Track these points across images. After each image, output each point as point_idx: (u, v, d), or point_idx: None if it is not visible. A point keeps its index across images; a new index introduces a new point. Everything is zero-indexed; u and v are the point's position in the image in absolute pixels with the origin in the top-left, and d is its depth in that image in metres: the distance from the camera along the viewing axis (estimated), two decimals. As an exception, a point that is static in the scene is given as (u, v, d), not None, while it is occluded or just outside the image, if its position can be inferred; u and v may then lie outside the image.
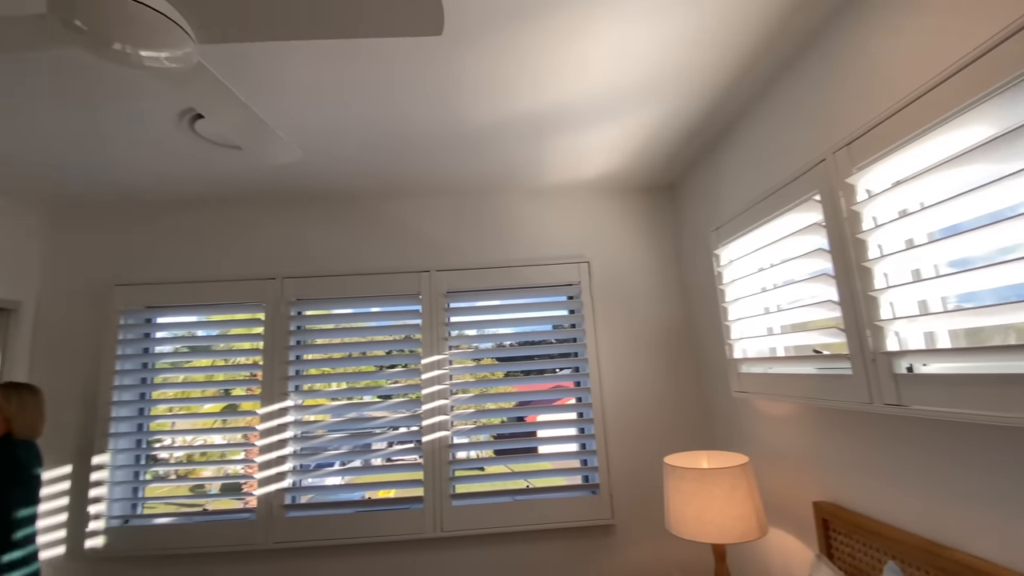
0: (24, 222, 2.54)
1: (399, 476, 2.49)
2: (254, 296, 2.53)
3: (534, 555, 2.35)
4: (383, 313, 2.59)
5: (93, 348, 2.49)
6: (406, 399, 2.48)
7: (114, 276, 2.56)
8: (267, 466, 2.36)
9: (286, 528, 2.31)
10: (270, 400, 2.41)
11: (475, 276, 2.57)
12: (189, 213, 2.64)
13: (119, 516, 2.36)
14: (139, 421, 2.48)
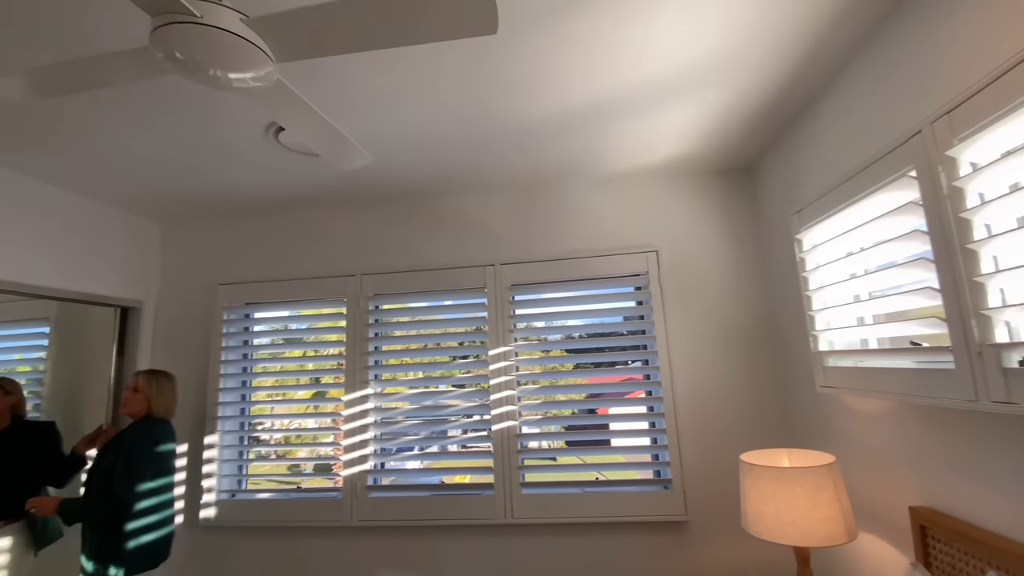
0: (144, 232, 2.91)
1: (471, 463, 2.59)
2: (336, 292, 2.73)
3: (604, 547, 2.35)
4: (452, 306, 2.68)
5: (203, 340, 2.80)
6: (476, 389, 2.56)
7: (217, 276, 2.86)
8: (351, 449, 2.54)
9: (369, 507, 2.48)
10: (353, 388, 2.59)
11: (539, 268, 2.58)
12: (278, 217, 2.88)
13: (227, 490, 2.66)
14: (242, 406, 2.76)
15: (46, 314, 2.90)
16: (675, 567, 2.30)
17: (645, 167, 2.51)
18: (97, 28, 1.37)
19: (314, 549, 2.53)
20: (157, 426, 2.21)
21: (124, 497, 2.03)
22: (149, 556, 2.09)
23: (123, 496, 2.02)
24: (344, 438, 2.56)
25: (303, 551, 2.54)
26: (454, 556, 2.43)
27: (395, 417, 2.59)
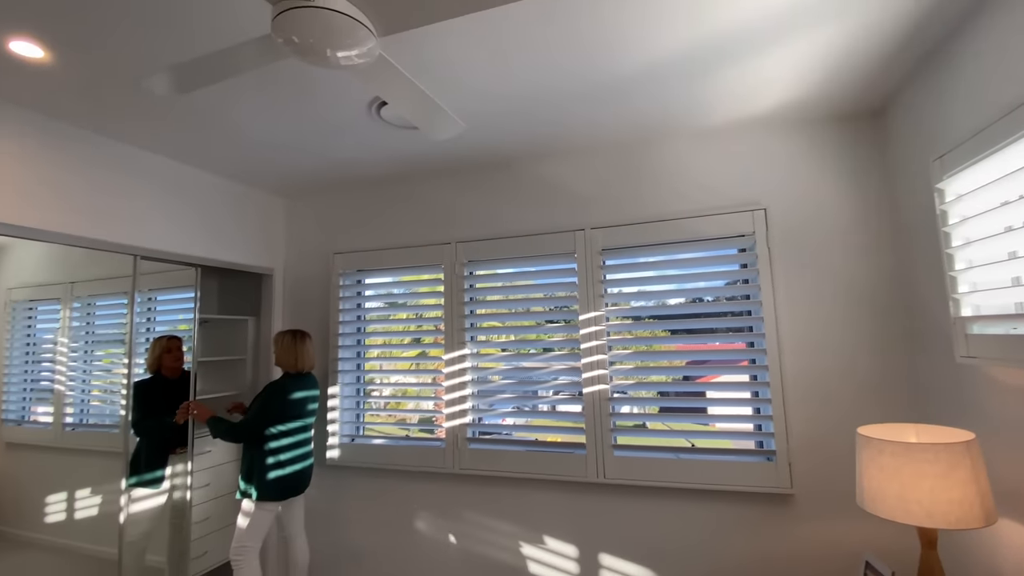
0: (272, 208, 3.29)
1: (562, 423, 2.66)
2: (434, 259, 2.89)
3: (698, 514, 2.32)
4: (542, 271, 2.72)
5: (323, 303, 3.14)
6: (566, 352, 2.60)
7: (332, 246, 3.16)
8: (452, 404, 2.73)
9: (469, 457, 2.67)
10: (452, 348, 2.77)
11: (632, 232, 2.51)
12: (382, 189, 3.09)
13: (348, 435, 3.00)
14: (357, 362, 3.07)
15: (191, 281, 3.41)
16: (777, 542, 2.21)
17: (752, 117, 2.30)
18: (221, 22, 1.55)
19: (420, 491, 2.80)
20: (287, 378, 2.58)
21: (247, 427, 2.48)
22: (282, 486, 2.47)
23: (246, 426, 2.48)
24: (445, 393, 2.75)
25: (410, 492, 2.82)
26: (547, 509, 2.55)
27: (490, 377, 2.73)
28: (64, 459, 3.25)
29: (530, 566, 2.56)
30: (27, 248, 3.56)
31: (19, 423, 3.43)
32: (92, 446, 2.97)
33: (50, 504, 3.35)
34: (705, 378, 2.53)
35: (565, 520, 2.52)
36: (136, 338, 2.82)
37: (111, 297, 3.28)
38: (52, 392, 3.36)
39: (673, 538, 2.34)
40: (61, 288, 3.41)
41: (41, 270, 3.48)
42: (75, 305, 3.38)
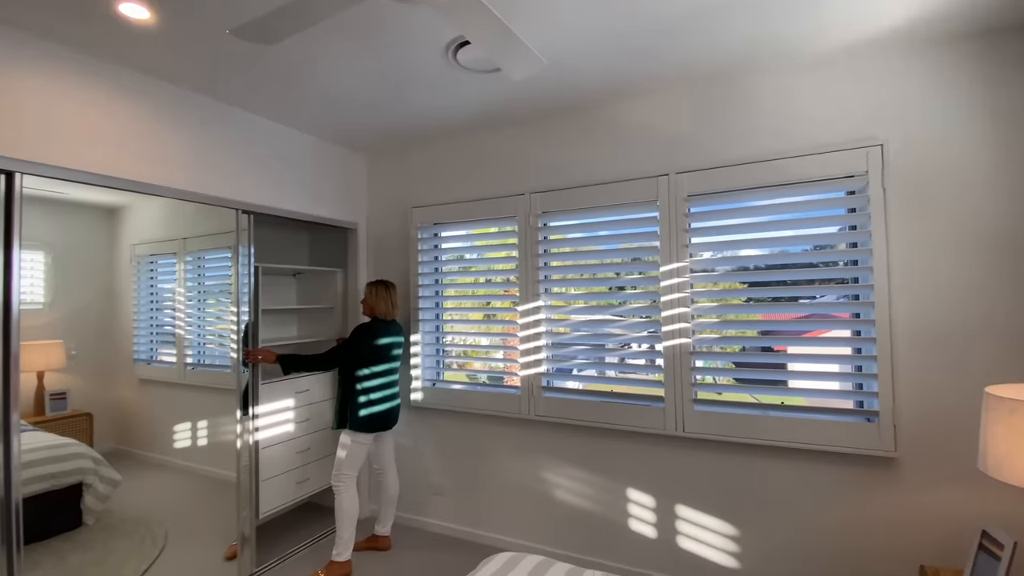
0: (355, 163, 3.40)
1: (640, 376, 2.62)
2: (508, 210, 2.87)
3: (784, 473, 2.22)
4: (622, 221, 2.62)
5: (404, 256, 3.25)
6: (646, 305, 2.52)
7: (410, 200, 3.23)
8: (527, 353, 2.77)
9: (543, 405, 2.72)
10: (526, 299, 2.78)
11: (722, 175, 2.33)
12: (458, 142, 3.08)
13: (429, 380, 3.16)
14: (436, 311, 3.18)
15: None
16: (875, 507, 2.08)
17: (869, 39, 2.01)
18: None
19: (496, 434, 2.91)
20: (374, 324, 2.74)
21: (328, 359, 2.70)
22: (372, 421, 2.67)
23: (328, 358, 2.70)
24: (520, 343, 2.79)
25: (487, 434, 2.94)
26: (621, 458, 2.56)
27: (565, 328, 2.72)
28: (187, 394, 3.70)
29: (601, 510, 2.61)
30: (145, 207, 3.97)
31: (148, 362, 3.95)
32: (209, 383, 3.34)
33: (177, 432, 3.86)
34: (802, 333, 2.36)
35: (640, 470, 2.52)
36: (240, 288, 3.07)
37: (217, 251, 3.60)
38: (174, 336, 3.81)
39: (756, 495, 2.27)
40: (176, 244, 3.79)
41: (158, 227, 3.87)
42: (187, 259, 3.75)
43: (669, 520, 2.45)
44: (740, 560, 2.30)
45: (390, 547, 2.87)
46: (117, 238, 4.14)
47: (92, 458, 3.05)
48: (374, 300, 2.78)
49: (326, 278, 3.50)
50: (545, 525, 2.76)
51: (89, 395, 3.83)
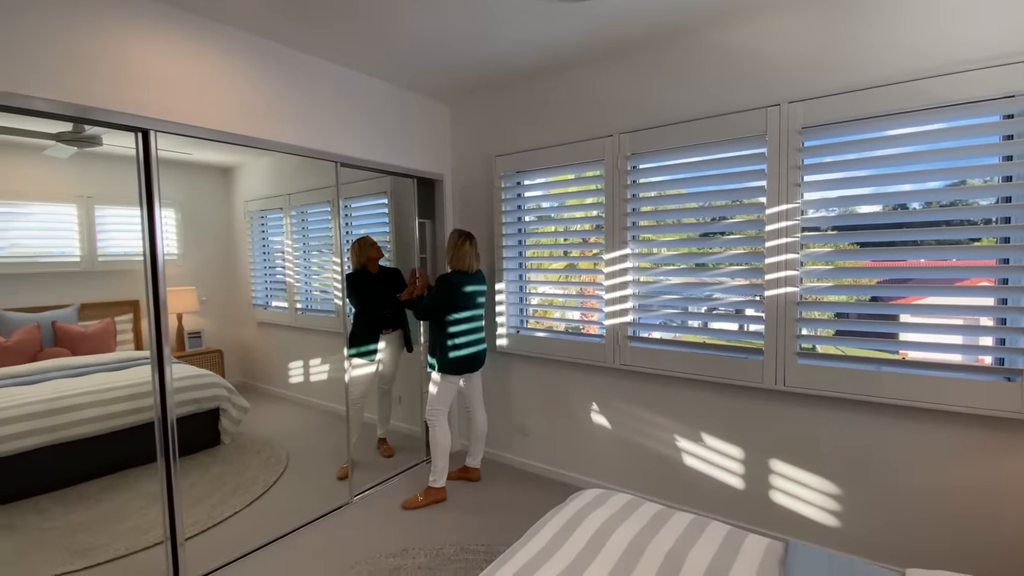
0: (439, 114, 3.41)
1: (736, 327, 2.48)
2: (595, 154, 2.76)
3: (899, 432, 2.04)
4: (723, 160, 2.41)
5: (488, 205, 3.27)
6: (746, 251, 2.35)
7: (494, 148, 3.21)
8: (613, 303, 2.72)
9: (629, 354, 2.69)
10: (613, 247, 2.70)
11: (843, 103, 2.05)
12: (540, 84, 2.98)
13: (514, 327, 3.23)
14: (519, 260, 3.20)
15: (384, 188, 3.80)
16: (1009, 474, 1.85)
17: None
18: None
19: (580, 381, 2.94)
20: (456, 275, 2.85)
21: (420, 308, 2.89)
22: (458, 363, 2.83)
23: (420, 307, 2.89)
24: (606, 292, 2.74)
25: (571, 381, 2.98)
26: (713, 410, 2.48)
27: (655, 276, 2.63)
28: (299, 336, 4.10)
29: (687, 460, 2.58)
30: (254, 166, 4.31)
31: (264, 307, 4.40)
32: (318, 326, 3.67)
33: (292, 369, 4.31)
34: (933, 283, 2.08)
35: (731, 422, 2.44)
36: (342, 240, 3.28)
37: (318, 205, 3.86)
38: (284, 284, 4.20)
39: (862, 454, 2.12)
40: (282, 199, 4.11)
41: (266, 184, 4.21)
42: (292, 213, 4.06)
43: (761, 474, 2.37)
44: (842, 519, 2.18)
45: (480, 478, 3.08)
46: (232, 195, 4.55)
47: (225, 387, 3.51)
48: (455, 254, 2.87)
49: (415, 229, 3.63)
50: (628, 470, 2.79)
51: (218, 335, 4.37)
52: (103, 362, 3.51)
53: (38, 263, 3.78)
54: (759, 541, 1.50)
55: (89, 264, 3.94)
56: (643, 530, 1.51)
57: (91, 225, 3.98)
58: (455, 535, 2.47)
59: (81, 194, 3.92)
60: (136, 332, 4.12)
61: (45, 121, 2.99)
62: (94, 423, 3.03)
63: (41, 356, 3.54)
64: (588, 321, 3.03)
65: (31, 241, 3.77)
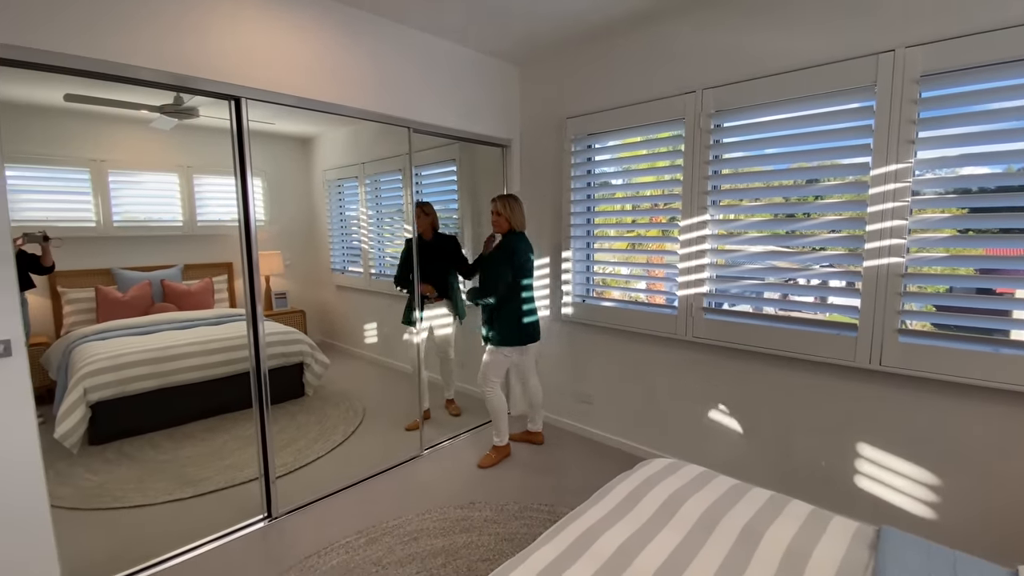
0: (509, 77, 3.34)
1: (826, 299, 2.29)
2: (674, 113, 2.60)
3: (1019, 422, 1.81)
4: (821, 116, 2.18)
5: (556, 170, 3.20)
6: (841, 217, 2.14)
7: (564, 110, 3.11)
8: (687, 272, 2.60)
9: (704, 327, 2.57)
10: (691, 213, 2.56)
11: (974, 46, 1.77)
12: (614, 39, 2.82)
13: (579, 295, 3.18)
14: (587, 228, 3.12)
15: (453, 156, 3.82)
16: None
17: None
18: None
19: (648, 352, 2.86)
20: (514, 238, 2.83)
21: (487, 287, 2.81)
22: (521, 336, 2.84)
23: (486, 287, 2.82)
24: (680, 261, 2.62)
25: (638, 351, 2.91)
26: (793, 387, 2.33)
27: (736, 245, 2.47)
28: (373, 299, 4.30)
29: (760, 437, 2.46)
30: (332, 135, 4.47)
31: (342, 272, 4.64)
32: (390, 291, 3.83)
33: (366, 330, 4.54)
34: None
35: (812, 401, 2.28)
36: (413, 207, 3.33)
37: (390, 174, 3.96)
38: (360, 250, 4.39)
39: (970, 443, 1.91)
40: (357, 168, 4.26)
41: (342, 154, 4.37)
42: (367, 181, 4.20)
43: (846, 457, 2.21)
44: (938, 511, 2.00)
45: (543, 442, 3.14)
46: (311, 165, 4.77)
47: (308, 344, 3.77)
48: (511, 214, 2.83)
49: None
50: (696, 445, 2.71)
51: (301, 296, 4.68)
52: (203, 317, 3.87)
53: (148, 227, 4.19)
54: (846, 523, 1.40)
55: (190, 228, 4.32)
56: (717, 502, 1.46)
57: (191, 193, 4.34)
58: (518, 494, 2.53)
59: (182, 164, 4.27)
60: (230, 291, 4.50)
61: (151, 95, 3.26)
62: (197, 371, 3.37)
63: (152, 310, 3.96)
64: (658, 291, 2.93)
65: (142, 207, 4.17)
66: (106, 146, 3.87)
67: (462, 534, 2.21)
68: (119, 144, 3.93)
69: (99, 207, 3.89)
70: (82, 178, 3.85)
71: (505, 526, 2.26)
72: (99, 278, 3.87)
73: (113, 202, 3.95)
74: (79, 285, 3.75)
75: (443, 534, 2.21)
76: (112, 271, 3.94)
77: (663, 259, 2.82)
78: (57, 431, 2.77)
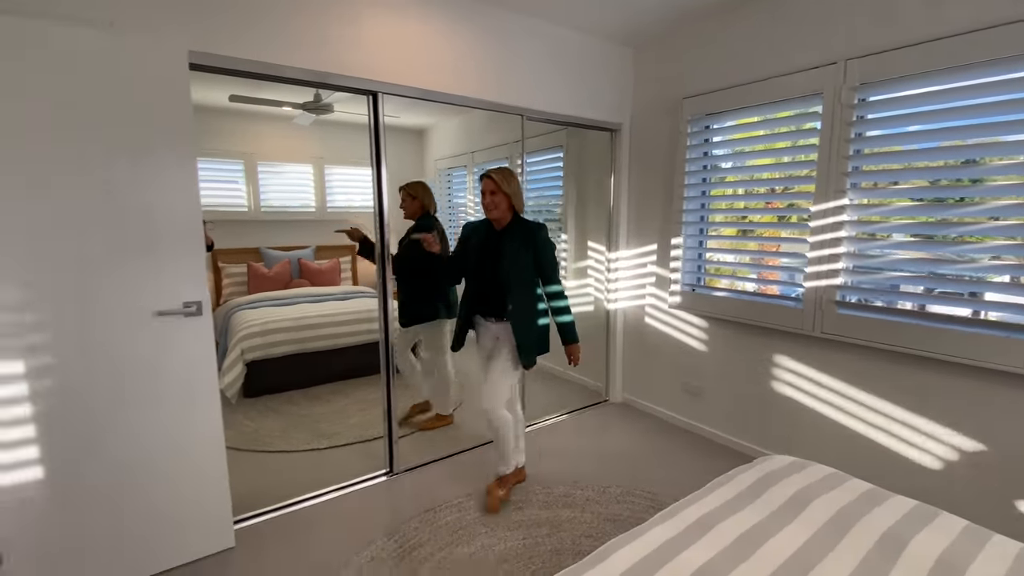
0: (622, 60, 3.28)
1: (1005, 298, 1.99)
2: (808, 88, 2.39)
3: None
4: (993, 85, 1.88)
5: (668, 153, 3.09)
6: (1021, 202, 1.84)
7: (680, 91, 2.99)
8: (817, 262, 2.40)
9: (835, 322, 2.36)
10: (824, 197, 2.35)
11: None
12: (740, 11, 2.64)
13: (689, 284, 3.07)
14: (701, 213, 2.99)
15: (560, 142, 3.84)
16: None
17: None
18: None
19: (767, 346, 2.68)
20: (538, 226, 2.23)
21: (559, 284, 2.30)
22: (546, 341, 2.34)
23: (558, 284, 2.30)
24: (810, 249, 2.42)
25: (755, 345, 2.74)
26: (949, 398, 2.06)
27: (880, 232, 2.23)
28: (477, 282, 4.48)
29: (901, 448, 2.21)
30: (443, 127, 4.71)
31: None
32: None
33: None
34: None
35: (971, 411, 2.00)
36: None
37: (498, 162, 4.08)
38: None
39: None
40: (466, 157, 4.45)
41: (452, 143, 4.59)
42: (475, 170, 4.37)
43: (1014, 477, 1.92)
44: None
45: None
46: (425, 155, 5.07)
47: (422, 321, 4.02)
48: (517, 192, 2.21)
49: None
50: (817, 448, 2.50)
51: (413, 278, 5.01)
52: (333, 293, 4.31)
53: (287, 212, 4.74)
54: (1010, 544, 1.24)
55: (321, 214, 4.82)
56: (850, 505, 1.36)
57: (323, 182, 4.84)
58: (620, 478, 2.54)
59: (316, 156, 4.77)
60: (353, 271, 4.95)
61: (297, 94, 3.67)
62: (327, 340, 3.78)
63: (291, 285, 4.49)
64: (777, 282, 2.73)
65: (283, 194, 4.74)
66: (256, 141, 4.43)
67: (565, 509, 2.27)
68: (266, 139, 4.49)
69: (250, 194, 4.48)
70: (237, 169, 4.45)
71: (607, 507, 2.29)
72: (249, 255, 4.47)
73: (261, 190, 4.53)
74: (234, 261, 4.36)
75: (546, 507, 2.29)
76: (260, 250, 4.53)
77: (781, 247, 2.62)
78: (220, 383, 3.27)
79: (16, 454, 1.61)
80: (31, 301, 1.60)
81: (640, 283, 3.39)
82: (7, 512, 1.61)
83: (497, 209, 2.20)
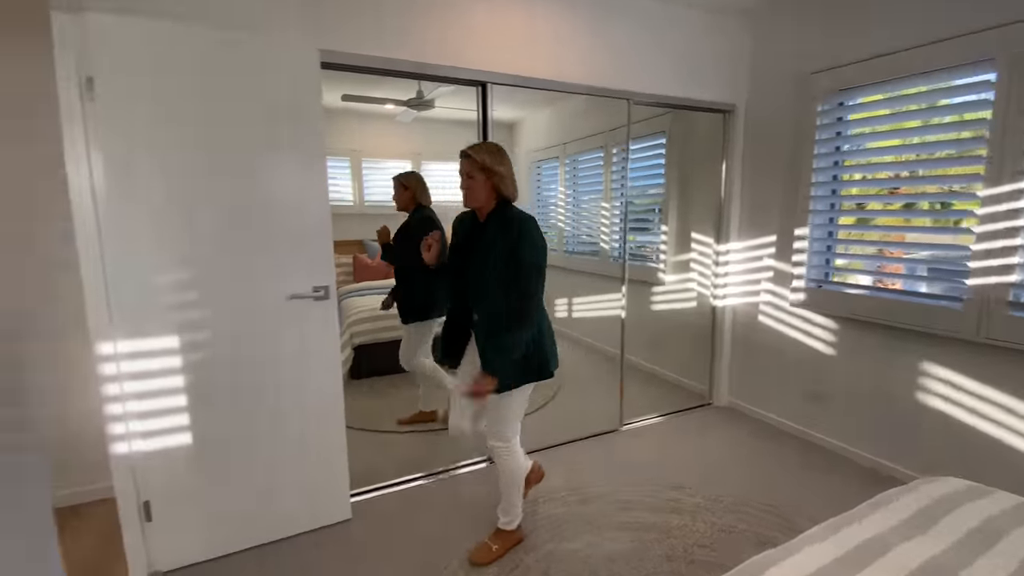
0: (738, 35, 3.03)
1: None
2: (976, 53, 2.04)
3: None
4: None
5: (791, 135, 2.81)
6: None
7: (808, 65, 2.69)
8: (984, 256, 2.05)
9: (1005, 325, 2.01)
10: (997, 180, 2.00)
11: None
12: (892, -30, 2.33)
13: (815, 280, 2.78)
14: (831, 201, 2.68)
15: (663, 127, 3.66)
16: None
17: None
18: None
19: (912, 351, 2.35)
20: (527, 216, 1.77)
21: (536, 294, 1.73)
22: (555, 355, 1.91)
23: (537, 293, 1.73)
24: (976, 241, 2.08)
25: (896, 349, 2.41)
26: None
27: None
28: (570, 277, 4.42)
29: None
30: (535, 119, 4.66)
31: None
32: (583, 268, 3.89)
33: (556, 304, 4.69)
34: None
35: None
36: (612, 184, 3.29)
37: (590, 152, 3.98)
38: (558, 227, 4.54)
39: None
40: (558, 148, 4.38)
41: (544, 136, 4.53)
42: (566, 161, 4.30)
43: None
44: None
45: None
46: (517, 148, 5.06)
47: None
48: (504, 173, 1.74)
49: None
50: (976, 470, 2.15)
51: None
52: (430, 283, 4.44)
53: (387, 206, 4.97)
54: None
55: (419, 208, 5.00)
56: (1058, 543, 1.13)
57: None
58: (733, 488, 2.36)
59: (414, 152, 4.94)
60: (447, 262, 5.07)
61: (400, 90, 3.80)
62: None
63: (390, 276, 4.70)
64: (931, 278, 2.37)
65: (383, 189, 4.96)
66: (361, 138, 4.68)
67: (674, 515, 2.15)
68: (370, 136, 4.72)
69: (355, 189, 4.74)
70: (344, 165, 4.73)
71: (721, 517, 2.13)
72: (355, 247, 4.74)
73: (364, 185, 4.78)
74: (341, 252, 4.64)
75: (654, 511, 2.18)
76: (363, 242, 4.79)
77: (935, 238, 2.27)
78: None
79: (169, 421, 1.80)
80: (197, 279, 1.78)
81: (754, 278, 3.13)
82: (155, 472, 1.80)
83: (474, 197, 1.74)
